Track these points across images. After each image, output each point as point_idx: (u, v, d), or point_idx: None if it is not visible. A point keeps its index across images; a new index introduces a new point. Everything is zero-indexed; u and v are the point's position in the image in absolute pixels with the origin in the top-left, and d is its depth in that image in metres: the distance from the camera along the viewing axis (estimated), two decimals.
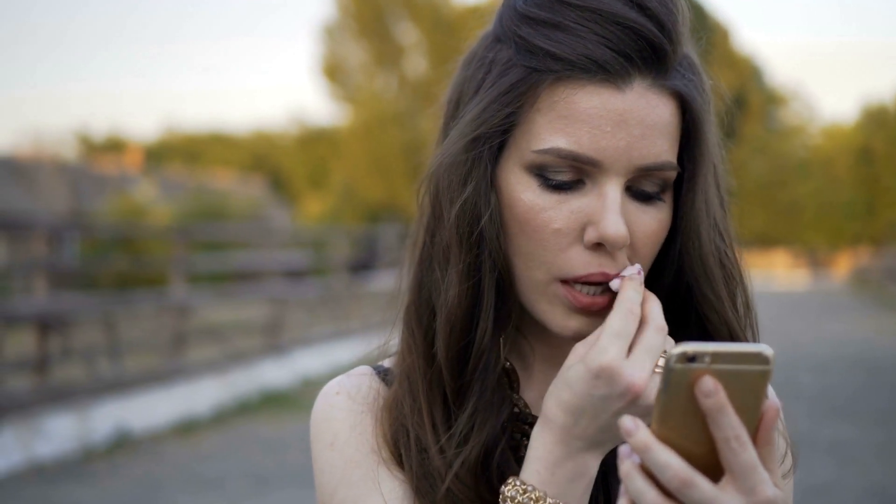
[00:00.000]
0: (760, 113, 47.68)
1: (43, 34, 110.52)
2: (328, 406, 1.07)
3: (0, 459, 7.69)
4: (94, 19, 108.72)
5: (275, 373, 12.30)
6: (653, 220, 0.98)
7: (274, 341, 13.27)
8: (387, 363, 1.11)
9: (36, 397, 8.57)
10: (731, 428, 0.80)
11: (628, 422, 0.81)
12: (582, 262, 0.96)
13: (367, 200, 38.68)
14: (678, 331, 1.00)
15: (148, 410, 9.60)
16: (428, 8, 40.62)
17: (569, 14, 0.95)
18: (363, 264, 21.71)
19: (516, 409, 1.04)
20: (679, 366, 0.79)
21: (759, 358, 0.80)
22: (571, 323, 0.98)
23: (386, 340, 1.11)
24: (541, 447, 0.94)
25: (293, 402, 11.25)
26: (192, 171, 42.52)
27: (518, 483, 0.94)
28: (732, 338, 1.02)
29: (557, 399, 0.93)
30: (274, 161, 53.11)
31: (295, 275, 16.48)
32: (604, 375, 0.90)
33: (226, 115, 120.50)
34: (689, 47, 1.00)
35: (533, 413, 1.05)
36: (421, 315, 1.04)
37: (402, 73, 41.64)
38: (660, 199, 0.98)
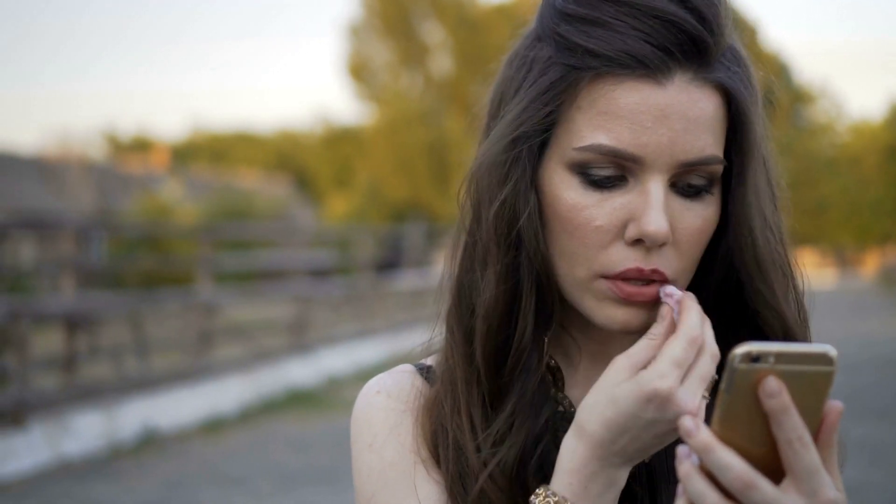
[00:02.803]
0: (788, 111, 47.40)
1: (73, 32, 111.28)
2: (368, 406, 1.06)
3: (28, 457, 7.75)
4: (125, 19, 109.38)
5: (300, 371, 12.34)
6: (697, 217, 0.97)
7: (299, 340, 13.30)
8: (429, 361, 1.10)
9: (63, 395, 8.63)
10: (794, 429, 0.79)
11: (688, 422, 0.80)
12: (621, 259, 0.95)
13: (392, 199, 38.71)
14: (727, 329, 0.99)
15: (174, 409, 9.65)
16: (453, 7, 40.60)
17: (607, 10, 0.94)
18: (388, 263, 21.73)
19: (561, 408, 1.03)
20: (743, 366, 0.78)
21: (824, 359, 0.79)
22: (618, 315, 0.97)
23: (430, 338, 1.10)
24: (576, 459, 0.92)
25: (318, 400, 11.27)
26: (218, 171, 42.70)
27: (549, 494, 0.93)
28: (787, 334, 1.01)
29: (601, 415, 0.90)
30: (299, 160, 53.24)
31: (320, 274, 16.51)
32: (657, 400, 0.89)
33: (251, 114, 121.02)
34: (733, 39, 0.99)
35: (574, 410, 1.03)
36: (461, 316, 1.03)
37: (427, 73, 41.66)
38: (708, 194, 0.97)
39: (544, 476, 0.97)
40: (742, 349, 0.79)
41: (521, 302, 0.99)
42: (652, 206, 0.93)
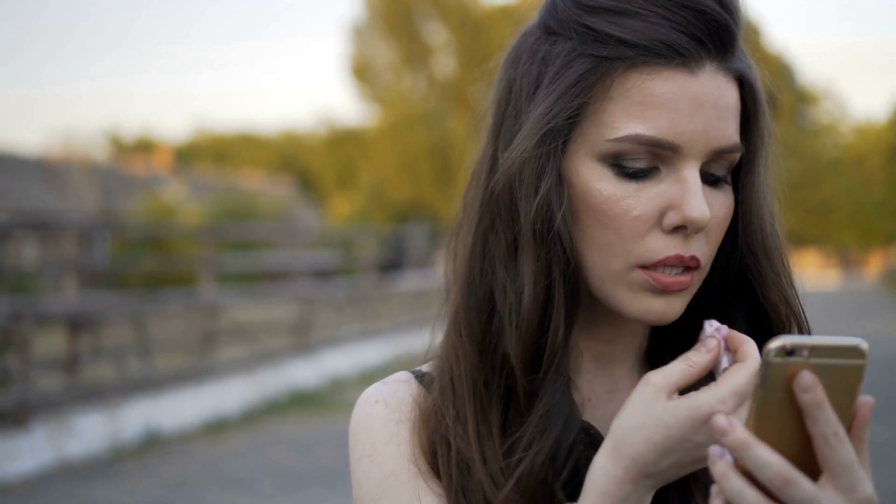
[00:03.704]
0: (791, 112, 47.35)
1: (76, 33, 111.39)
2: (366, 415, 1.05)
3: (30, 458, 7.75)
4: (128, 19, 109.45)
5: (303, 372, 12.33)
6: (722, 206, 0.98)
7: (302, 341, 13.30)
8: (426, 367, 1.08)
9: (66, 396, 8.63)
10: (829, 424, 0.78)
11: (722, 420, 0.79)
12: (659, 247, 0.95)
13: (395, 200, 38.71)
14: (730, 315, 1.01)
15: (177, 410, 9.65)
16: (456, 8, 40.60)
17: (636, 1, 0.95)
18: (391, 264, 21.72)
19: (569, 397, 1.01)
20: (778, 360, 0.77)
21: (856, 352, 0.78)
22: (655, 306, 0.97)
23: (430, 344, 1.08)
24: (609, 483, 0.90)
25: (321, 401, 11.27)
26: (221, 172, 42.71)
27: None
28: (792, 318, 1.01)
29: (646, 438, 0.88)
30: (302, 161, 53.26)
31: (323, 275, 16.51)
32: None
33: (255, 115, 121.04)
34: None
35: (585, 414, 1.02)
36: (473, 319, 1.01)
37: (430, 73, 41.65)
38: (726, 183, 0.99)
39: (573, 489, 0.95)
40: (777, 343, 0.77)
41: (555, 300, 0.97)
42: (693, 192, 0.94)
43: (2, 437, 7.64)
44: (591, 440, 1.00)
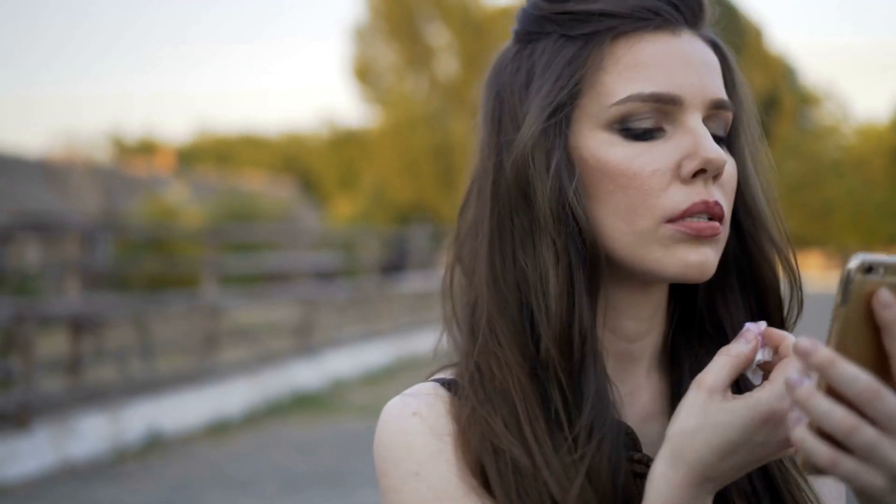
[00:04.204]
0: (793, 113, 47.32)
1: (76, 34, 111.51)
2: (404, 430, 0.99)
3: (33, 460, 7.75)
4: (130, 20, 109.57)
5: (305, 374, 12.33)
6: (730, 164, 1.00)
7: (304, 342, 13.30)
8: (448, 374, 1.04)
9: (68, 398, 8.63)
10: None
11: (805, 343, 0.79)
12: (684, 197, 0.96)
13: (398, 202, 38.70)
14: (730, 293, 1.04)
15: (179, 411, 9.65)
16: (458, 9, 40.61)
17: None
18: (393, 265, 21.73)
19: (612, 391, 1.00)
20: (859, 276, 0.79)
21: None
22: (692, 257, 0.97)
23: (439, 348, 1.07)
24: (672, 490, 0.90)
25: (323, 403, 11.27)
26: (223, 173, 42.72)
27: None
28: (791, 272, 1.04)
29: (706, 442, 0.89)
30: (305, 163, 53.26)
31: (325, 276, 16.51)
32: (773, 421, 0.89)
33: (257, 117, 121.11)
34: None
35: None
36: (508, 320, 0.99)
37: (432, 75, 41.65)
38: (725, 145, 1.01)
39: (635, 485, 0.95)
40: (857, 260, 0.80)
41: (576, 281, 0.97)
42: (704, 136, 0.96)
43: (4, 439, 7.64)
44: (628, 440, 0.99)
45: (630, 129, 0.97)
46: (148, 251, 17.04)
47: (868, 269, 0.80)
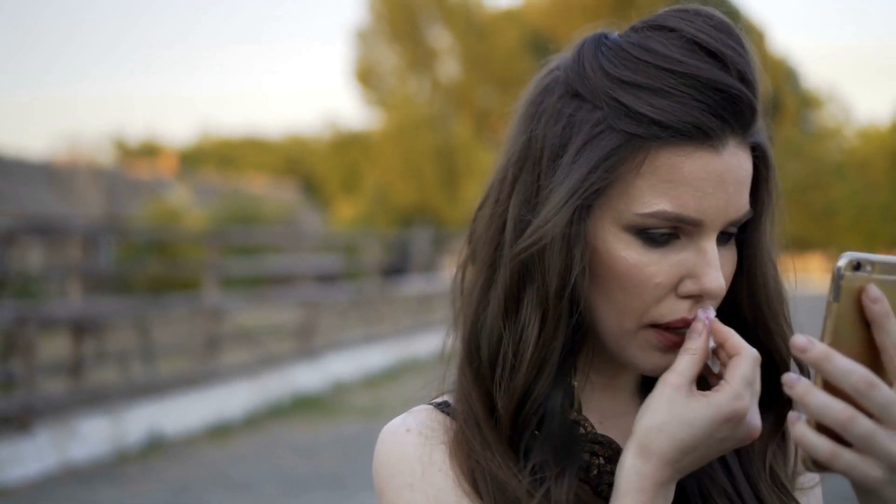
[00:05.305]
0: (795, 116, 47.31)
1: (76, 36, 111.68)
2: (400, 445, 1.04)
3: (34, 462, 7.75)
4: (132, 22, 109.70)
5: (307, 376, 12.33)
6: (729, 263, 1.03)
7: (306, 345, 13.29)
8: (443, 398, 1.10)
9: (70, 400, 8.63)
10: None
11: (801, 339, 0.83)
12: (671, 310, 1.00)
13: (400, 204, 38.69)
14: None
15: (181, 414, 9.65)
16: (461, 12, 40.63)
17: (667, 80, 0.97)
18: (395, 268, 21.73)
19: (582, 430, 1.04)
20: (849, 273, 0.84)
21: None
22: (662, 362, 1.01)
23: (442, 378, 1.11)
24: (642, 480, 0.95)
25: (325, 406, 11.27)
26: (226, 176, 42.74)
27: None
28: (790, 358, 1.05)
29: (672, 437, 0.94)
30: (307, 165, 53.27)
31: (327, 279, 16.51)
32: (733, 420, 0.94)
33: (260, 119, 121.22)
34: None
35: (599, 431, 1.05)
36: (476, 364, 1.05)
37: (434, 77, 41.69)
38: (733, 238, 1.04)
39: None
40: (846, 258, 0.84)
41: (549, 355, 1.01)
42: (711, 265, 0.99)
43: (6, 441, 7.65)
44: (613, 454, 1.04)
45: (648, 234, 0.99)
46: (150, 254, 17.05)
47: (857, 266, 0.84)
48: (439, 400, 1.10)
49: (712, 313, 0.99)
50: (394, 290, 18.41)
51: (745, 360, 0.95)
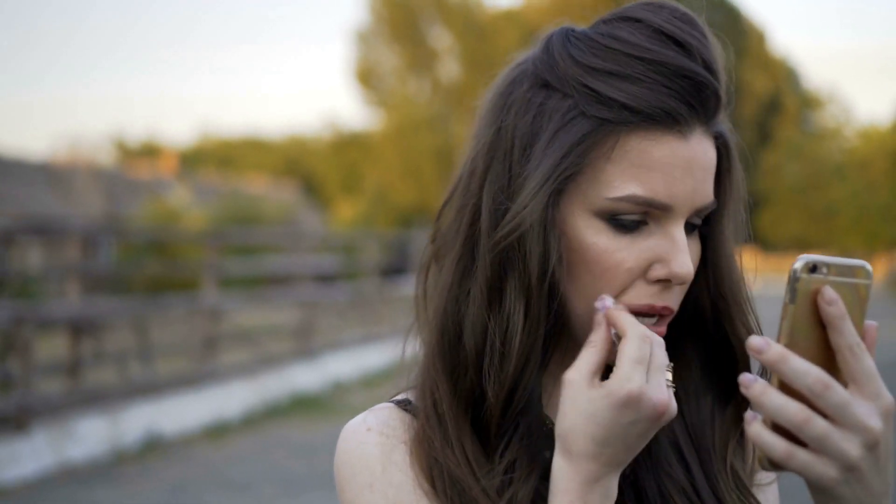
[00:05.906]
0: (796, 116, 47.33)
1: (76, 37, 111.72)
2: (360, 444, 1.05)
3: (32, 462, 7.74)
4: (132, 23, 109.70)
5: (305, 376, 12.33)
6: (694, 254, 1.04)
7: (305, 345, 13.29)
8: (404, 396, 1.10)
9: (68, 400, 8.62)
10: (852, 335, 0.84)
11: (757, 340, 0.84)
12: (638, 295, 1.01)
13: (400, 205, 38.74)
14: (685, 348, 1.07)
15: (179, 414, 9.64)
16: (461, 12, 40.65)
17: (636, 67, 0.98)
18: (394, 268, 21.74)
19: (545, 427, 1.05)
20: (805, 276, 0.84)
21: (863, 271, 0.86)
22: None
23: (408, 374, 1.11)
24: (568, 478, 0.95)
25: (323, 405, 11.26)
26: (226, 176, 42.74)
27: None
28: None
29: (583, 433, 0.94)
30: (307, 165, 53.33)
31: (326, 279, 16.51)
32: (632, 403, 0.92)
33: (260, 120, 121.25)
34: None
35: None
36: (447, 352, 1.04)
37: (434, 78, 41.70)
38: (697, 229, 1.05)
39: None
40: (802, 261, 0.85)
41: (536, 341, 1.01)
42: (680, 249, 1.00)
43: (3, 441, 7.64)
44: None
45: (618, 221, 1.00)
46: (150, 254, 17.05)
47: (813, 268, 0.84)
48: (401, 397, 1.10)
49: (609, 302, 0.98)
50: (393, 291, 18.41)
51: (630, 340, 0.94)
